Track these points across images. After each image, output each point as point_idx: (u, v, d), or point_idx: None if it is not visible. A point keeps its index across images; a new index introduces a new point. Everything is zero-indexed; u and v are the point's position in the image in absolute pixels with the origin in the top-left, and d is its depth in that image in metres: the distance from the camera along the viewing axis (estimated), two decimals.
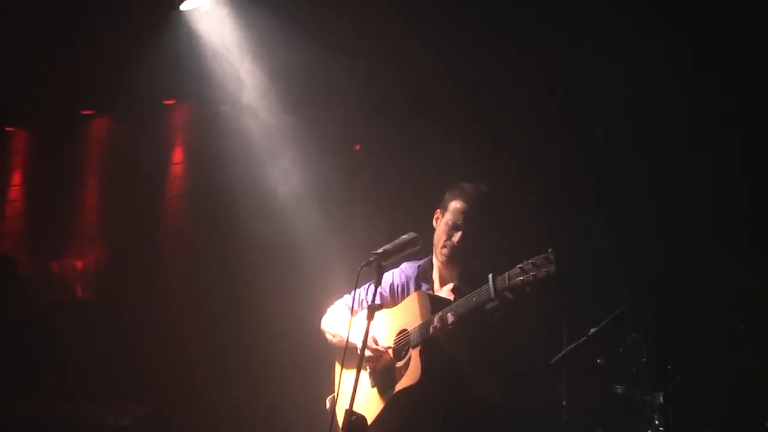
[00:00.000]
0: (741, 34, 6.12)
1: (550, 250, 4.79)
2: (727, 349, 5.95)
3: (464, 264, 5.41)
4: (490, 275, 4.92)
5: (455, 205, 5.41)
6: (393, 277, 5.62)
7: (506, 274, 4.88)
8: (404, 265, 5.62)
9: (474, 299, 5.02)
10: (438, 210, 5.51)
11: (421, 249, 5.29)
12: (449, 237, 5.39)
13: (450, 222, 5.40)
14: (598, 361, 6.05)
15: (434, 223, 5.52)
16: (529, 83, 6.90)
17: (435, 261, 5.55)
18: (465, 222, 5.36)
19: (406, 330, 5.32)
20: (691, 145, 6.28)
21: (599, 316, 4.98)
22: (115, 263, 9.60)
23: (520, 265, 4.84)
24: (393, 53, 7.46)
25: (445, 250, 5.41)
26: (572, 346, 4.96)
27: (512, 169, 6.85)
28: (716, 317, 6.04)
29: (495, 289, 4.90)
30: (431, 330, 5.10)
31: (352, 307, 5.35)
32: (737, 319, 5.92)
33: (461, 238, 5.36)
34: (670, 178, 6.36)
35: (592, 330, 4.97)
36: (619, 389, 6.01)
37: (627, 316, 4.97)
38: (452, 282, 5.43)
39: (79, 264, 9.78)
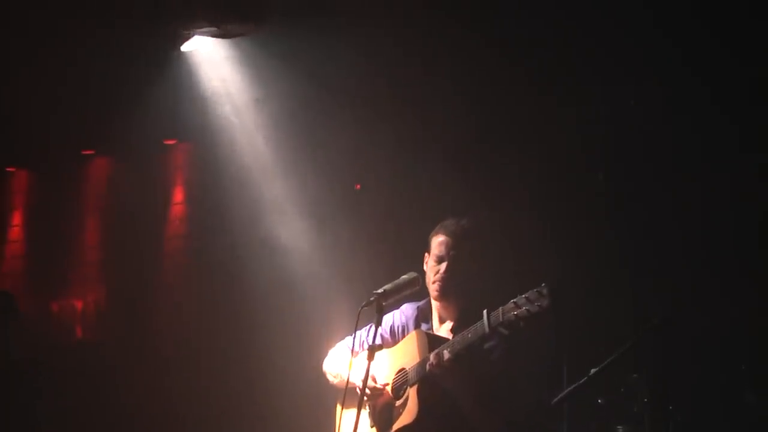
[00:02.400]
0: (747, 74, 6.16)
1: (543, 284, 4.81)
2: (728, 390, 5.94)
3: (459, 298, 5.44)
4: (485, 311, 4.94)
5: (437, 239, 5.47)
6: (393, 318, 5.64)
7: (500, 309, 4.91)
8: (404, 306, 5.65)
9: (469, 335, 5.04)
10: (426, 253, 5.55)
11: (421, 290, 5.33)
12: (437, 271, 5.42)
13: (435, 256, 5.44)
14: (599, 401, 6.04)
15: (424, 267, 5.54)
16: (533, 123, 6.93)
17: (433, 301, 5.57)
18: (447, 252, 5.41)
19: (404, 369, 5.34)
20: (692, 184, 6.29)
21: (600, 356, 4.97)
22: (115, 304, 9.59)
23: (514, 300, 4.87)
24: (394, 91, 7.49)
25: (436, 285, 5.43)
26: (573, 386, 4.94)
27: (515, 207, 6.86)
28: (717, 357, 6.03)
29: (489, 325, 4.92)
30: (428, 367, 5.12)
31: (353, 348, 5.35)
32: (739, 360, 5.92)
33: (446, 267, 5.39)
34: (672, 218, 6.37)
35: (593, 370, 4.96)
36: (620, 429, 5.99)
37: (628, 356, 4.96)
38: (451, 321, 5.44)
39: (79, 304, 9.77)
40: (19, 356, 7.35)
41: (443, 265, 5.41)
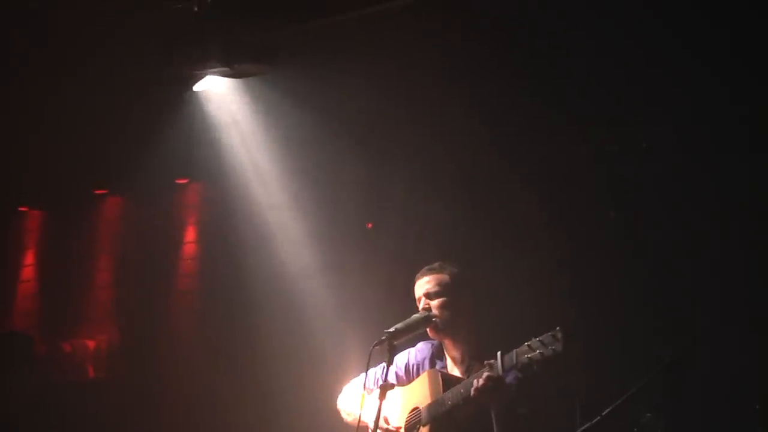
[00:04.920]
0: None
1: (558, 328, 4.79)
2: (741, 429, 5.91)
3: (450, 334, 5.51)
4: (499, 353, 4.94)
5: (415, 284, 5.61)
6: (408, 356, 5.67)
7: (514, 351, 4.91)
8: (420, 345, 5.68)
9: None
10: None
11: None
12: None
13: (417, 301, 5.57)
14: None
15: None
16: (545, 162, 6.94)
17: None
18: (422, 291, 5.54)
19: (417, 408, 5.34)
20: (705, 221, 6.27)
21: (613, 395, 4.95)
22: (127, 343, 9.58)
23: (528, 343, 4.86)
24: (408, 129, 7.52)
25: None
26: (586, 426, 4.92)
27: (525, 247, 6.87)
28: (730, 396, 6.00)
29: (503, 367, 4.91)
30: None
31: (365, 385, 5.36)
32: (752, 399, 5.88)
33: (423, 306, 5.48)
34: (684, 255, 6.35)
35: (606, 410, 4.93)
36: None
37: (641, 395, 4.94)
38: (463, 358, 5.45)
39: (91, 344, 9.76)
40: (34, 397, 7.32)
41: (420, 305, 5.50)
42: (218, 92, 7.84)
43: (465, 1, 6.77)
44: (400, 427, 5.42)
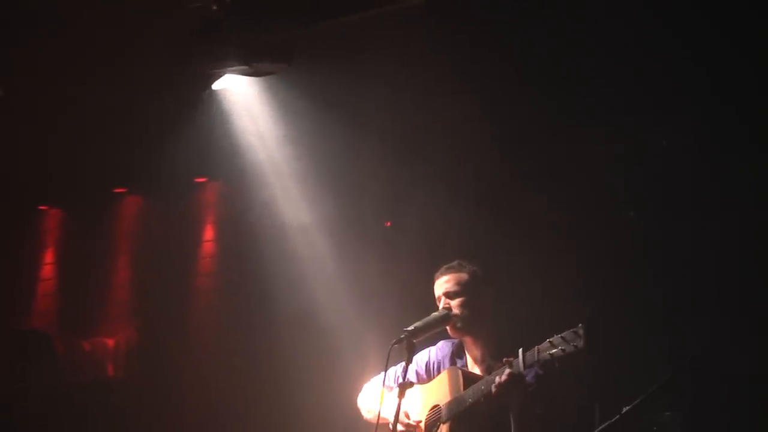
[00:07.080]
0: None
1: (580, 325, 4.80)
2: (762, 427, 5.90)
3: (470, 332, 5.53)
4: (520, 350, 4.96)
5: (435, 284, 5.61)
6: (429, 354, 5.69)
7: (536, 348, 4.92)
8: (441, 343, 5.71)
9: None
10: None
11: None
12: None
13: (437, 300, 5.59)
14: None
15: None
16: (565, 162, 6.94)
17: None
18: (441, 290, 5.57)
19: (438, 405, 5.36)
20: (727, 221, 6.26)
21: (632, 394, 4.95)
22: (146, 342, 9.61)
23: (550, 339, 4.88)
24: (426, 129, 7.52)
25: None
26: (605, 424, 4.92)
27: (544, 247, 6.86)
28: (750, 394, 5.99)
29: (524, 364, 4.93)
30: (469, 404, 5.13)
31: (384, 383, 5.38)
32: None
33: (443, 305, 5.50)
34: (706, 254, 6.34)
35: (625, 408, 4.93)
36: None
37: (661, 394, 4.93)
38: (483, 357, 5.46)
39: (110, 342, 9.79)
40: (54, 395, 7.36)
41: (441, 304, 5.51)
42: (237, 91, 7.86)
43: (482, 4, 6.78)
44: (420, 421, 5.44)
